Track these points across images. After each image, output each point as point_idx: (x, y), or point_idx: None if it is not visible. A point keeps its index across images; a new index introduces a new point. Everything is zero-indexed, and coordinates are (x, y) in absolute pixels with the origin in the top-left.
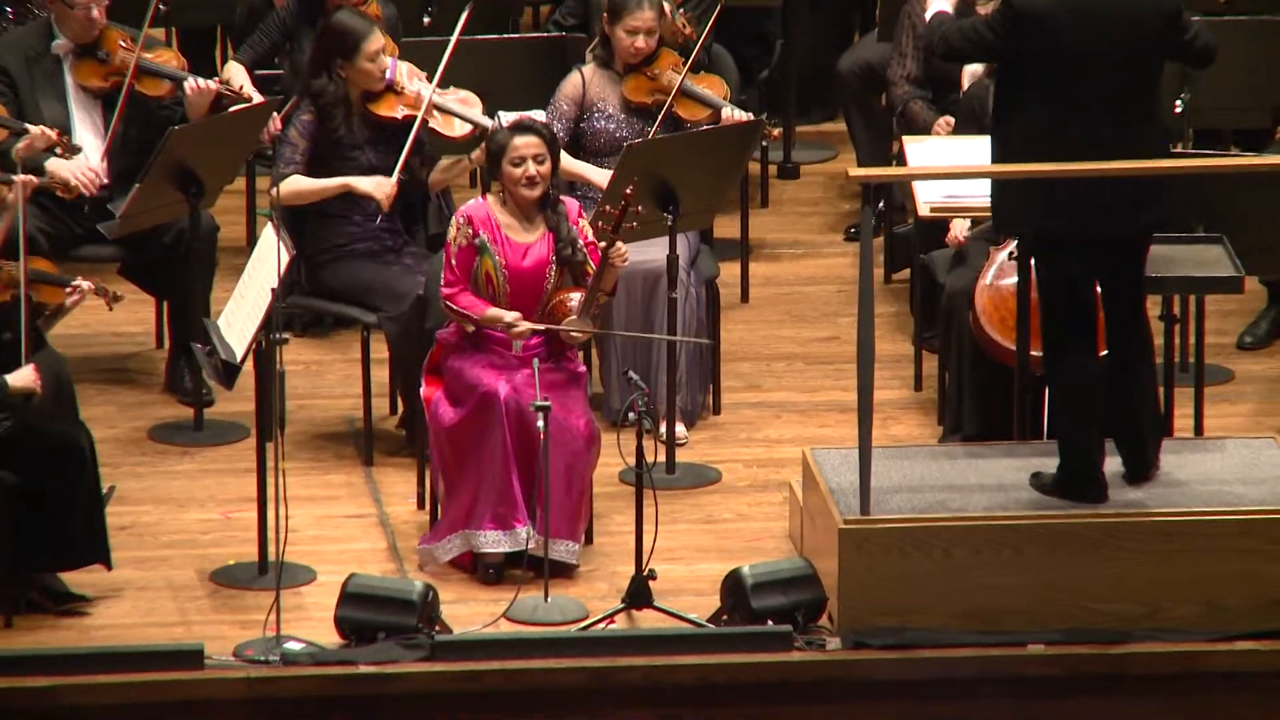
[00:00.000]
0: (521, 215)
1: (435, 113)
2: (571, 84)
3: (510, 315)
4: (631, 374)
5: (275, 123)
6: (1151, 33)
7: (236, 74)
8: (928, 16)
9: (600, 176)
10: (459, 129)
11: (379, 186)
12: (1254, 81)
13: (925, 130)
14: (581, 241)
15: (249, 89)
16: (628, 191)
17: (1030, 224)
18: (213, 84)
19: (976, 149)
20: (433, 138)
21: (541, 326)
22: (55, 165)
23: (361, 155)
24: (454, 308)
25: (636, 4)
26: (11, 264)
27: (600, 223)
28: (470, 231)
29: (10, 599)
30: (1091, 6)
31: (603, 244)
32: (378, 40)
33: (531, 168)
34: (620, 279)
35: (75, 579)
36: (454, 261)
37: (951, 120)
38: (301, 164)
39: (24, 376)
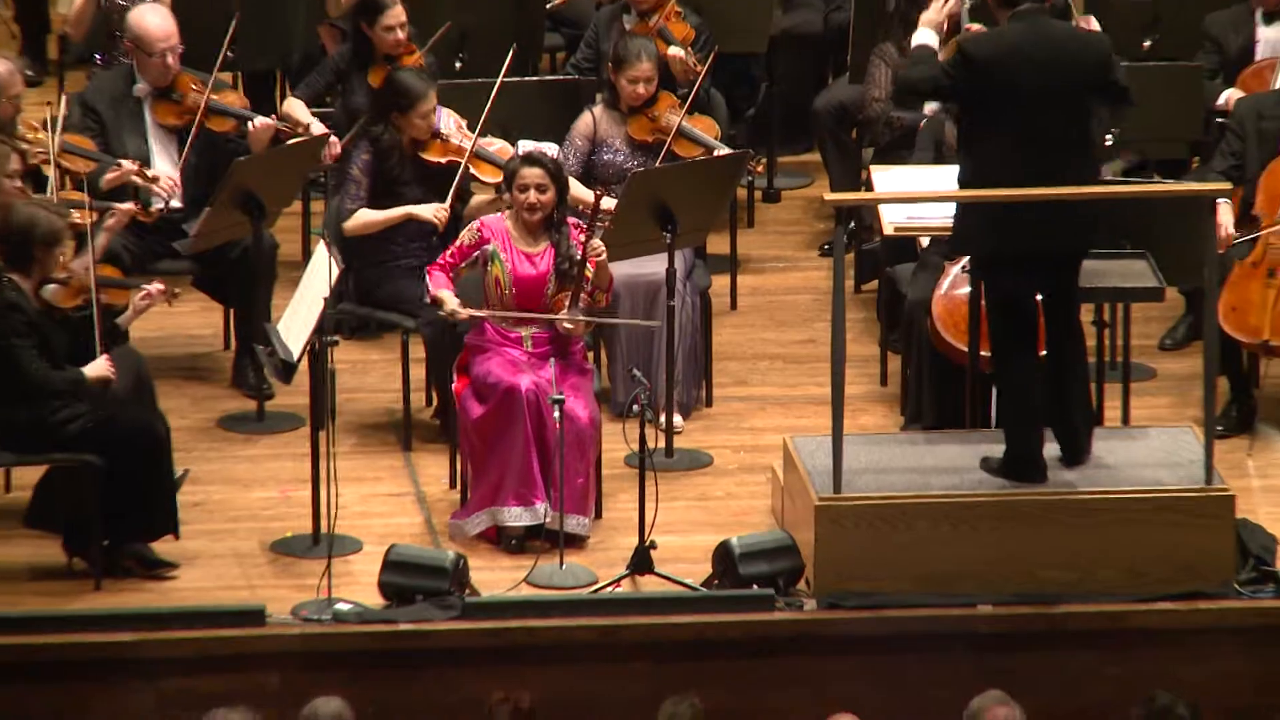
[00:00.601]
0: (527, 231)
1: (475, 159)
2: (584, 122)
3: (452, 302)
4: (635, 371)
5: (335, 148)
6: (1087, 74)
7: (296, 108)
8: (913, 45)
9: (607, 204)
10: (492, 174)
11: (436, 212)
12: (1172, 118)
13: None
14: (579, 255)
15: (307, 118)
16: (597, 193)
17: (987, 245)
18: (271, 121)
19: (934, 176)
20: (470, 178)
21: (482, 314)
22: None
23: (410, 191)
24: (425, 276)
25: (636, 57)
26: (81, 272)
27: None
28: (479, 236)
29: (100, 565)
30: (1034, 52)
31: (580, 237)
32: (431, 101)
33: (533, 195)
34: (625, 288)
35: (158, 547)
36: (451, 250)
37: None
38: (365, 199)
39: (99, 367)
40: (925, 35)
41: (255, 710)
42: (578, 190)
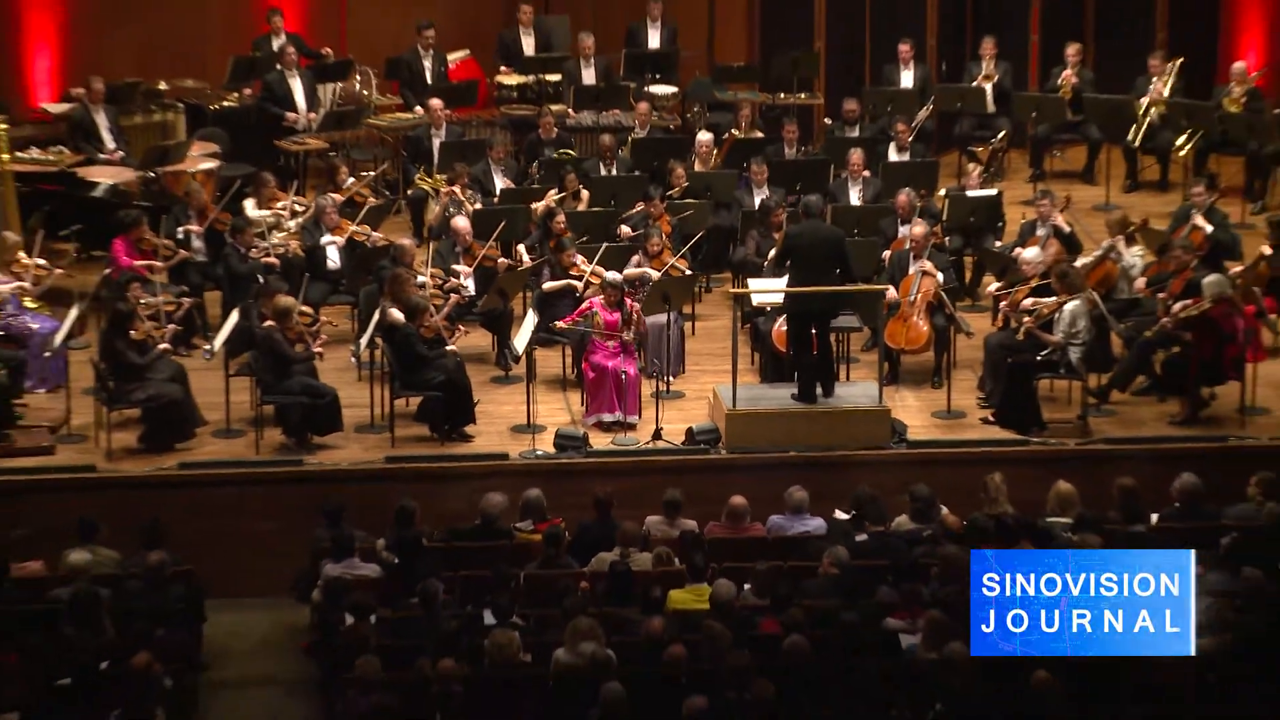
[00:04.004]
0: (608, 304)
1: (592, 274)
2: (635, 259)
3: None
4: (655, 360)
5: (526, 260)
6: (833, 248)
7: (522, 250)
8: (767, 261)
9: (640, 272)
10: (597, 278)
11: (579, 282)
12: (867, 261)
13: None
14: (633, 315)
15: (524, 253)
16: (630, 303)
17: (793, 309)
18: (506, 260)
19: (775, 283)
20: (589, 283)
21: (608, 332)
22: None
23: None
24: (578, 320)
25: (650, 237)
26: (433, 323)
27: (632, 302)
28: (589, 306)
29: (444, 435)
30: (812, 237)
31: (633, 306)
32: (573, 249)
33: (610, 300)
34: (651, 326)
35: (468, 429)
36: (579, 310)
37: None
38: (549, 278)
39: (450, 345)
40: (776, 254)
41: (505, 495)
42: (634, 272)
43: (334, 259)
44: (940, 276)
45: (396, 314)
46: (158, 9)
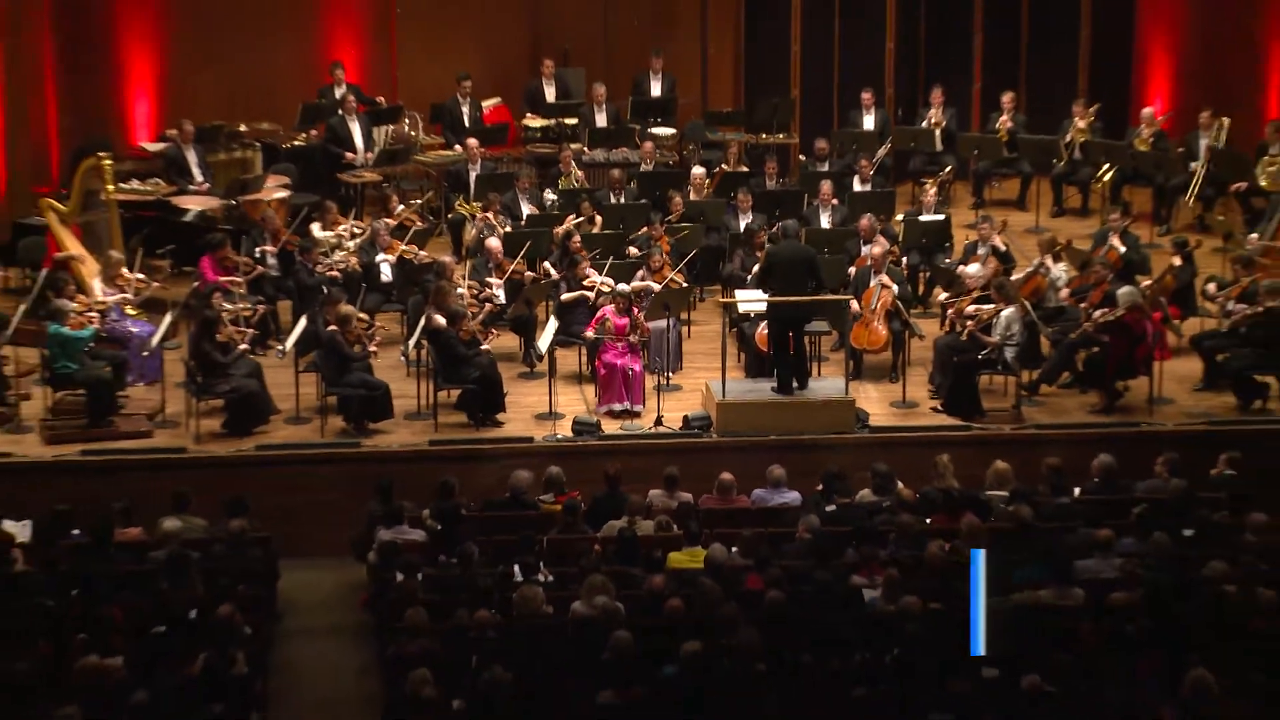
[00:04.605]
0: (618, 312)
1: (602, 285)
2: (639, 274)
3: (590, 334)
4: (656, 358)
5: (553, 274)
6: (805, 262)
7: (549, 265)
8: (749, 278)
9: (644, 285)
10: (607, 288)
11: (592, 289)
12: (835, 275)
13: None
14: (640, 319)
15: (550, 269)
16: (636, 311)
17: (774, 315)
18: (532, 274)
19: (758, 294)
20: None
21: (619, 337)
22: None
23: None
24: (595, 328)
25: (653, 256)
26: (470, 326)
27: (638, 309)
28: (603, 315)
29: (478, 422)
30: (788, 255)
31: (638, 313)
32: (586, 264)
33: (619, 306)
34: (652, 330)
35: (498, 416)
36: (596, 319)
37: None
38: (566, 289)
39: (484, 347)
40: (758, 270)
41: (530, 472)
42: (639, 285)
43: (387, 273)
44: (896, 288)
45: (439, 320)
46: (239, 64)
